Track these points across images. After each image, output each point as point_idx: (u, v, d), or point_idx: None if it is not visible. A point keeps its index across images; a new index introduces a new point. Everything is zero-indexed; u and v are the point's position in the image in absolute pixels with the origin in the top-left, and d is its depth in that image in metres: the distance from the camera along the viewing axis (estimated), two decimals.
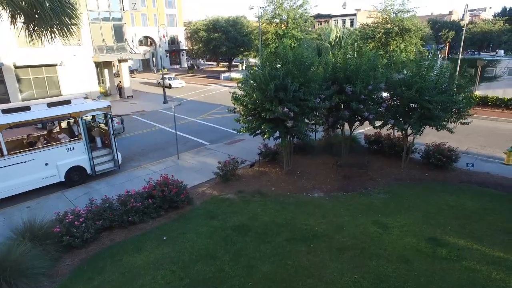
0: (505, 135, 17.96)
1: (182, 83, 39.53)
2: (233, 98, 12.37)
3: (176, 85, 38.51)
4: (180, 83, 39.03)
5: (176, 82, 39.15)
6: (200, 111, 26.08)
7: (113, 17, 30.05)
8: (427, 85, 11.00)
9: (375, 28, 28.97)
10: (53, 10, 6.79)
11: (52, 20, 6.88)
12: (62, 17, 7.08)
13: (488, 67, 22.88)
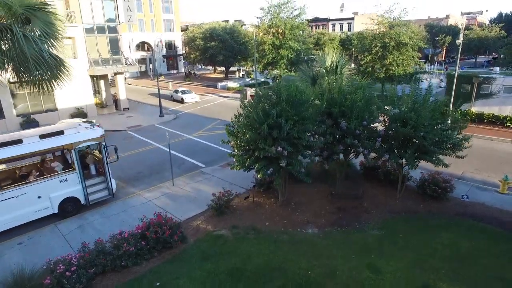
0: (500, 157, 17.99)
1: (196, 97, 35.96)
2: (227, 131, 12.26)
3: (189, 100, 35.24)
4: (193, 98, 35.49)
5: (189, 96, 35.58)
6: (196, 126, 25.98)
7: (109, 29, 29.87)
8: (422, 121, 10.96)
9: (372, 41, 28.93)
10: (39, 66, 6.68)
11: (40, 75, 6.76)
12: (49, 71, 6.96)
13: (484, 84, 22.89)
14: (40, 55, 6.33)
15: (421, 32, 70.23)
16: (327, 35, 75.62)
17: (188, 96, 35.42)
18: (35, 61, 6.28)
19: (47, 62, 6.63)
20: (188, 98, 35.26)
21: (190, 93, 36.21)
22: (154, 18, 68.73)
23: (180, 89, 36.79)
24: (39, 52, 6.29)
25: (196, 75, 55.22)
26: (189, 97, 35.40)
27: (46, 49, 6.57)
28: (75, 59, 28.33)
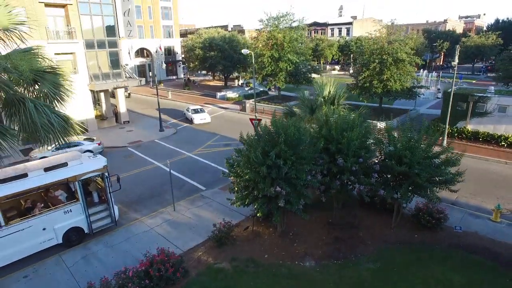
0: (495, 179, 18.37)
1: (206, 118, 32.11)
2: (228, 164, 12.59)
3: (198, 121, 31.69)
4: (203, 119, 31.74)
5: (199, 117, 31.87)
6: (196, 142, 26.27)
7: (109, 44, 30.13)
8: (416, 159, 11.32)
9: (370, 56, 29.30)
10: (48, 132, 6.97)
11: (48, 138, 7.07)
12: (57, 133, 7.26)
13: (479, 103, 23.28)
14: (50, 122, 6.64)
15: (419, 39, 70.89)
16: (326, 41, 76.03)
17: (197, 117, 31.85)
18: (45, 129, 6.60)
19: (56, 127, 6.92)
20: (197, 119, 31.76)
21: (202, 113, 32.52)
22: (153, 25, 68.95)
23: (191, 107, 33.47)
24: (48, 120, 6.61)
25: (196, 83, 55.42)
26: (199, 118, 31.79)
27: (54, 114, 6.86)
28: (76, 74, 28.65)
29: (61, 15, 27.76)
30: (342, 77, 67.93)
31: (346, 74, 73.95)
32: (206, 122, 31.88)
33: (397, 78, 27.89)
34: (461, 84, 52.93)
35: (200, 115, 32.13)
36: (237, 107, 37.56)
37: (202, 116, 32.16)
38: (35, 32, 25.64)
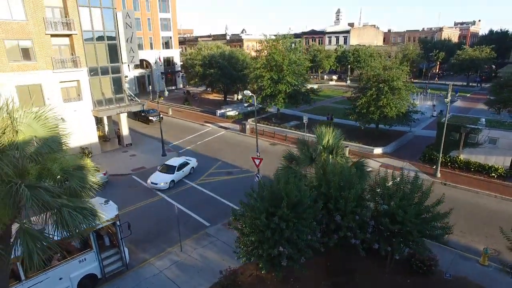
0: (485, 216, 19.28)
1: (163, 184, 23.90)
2: (233, 213, 13.43)
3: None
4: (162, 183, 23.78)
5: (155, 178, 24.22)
6: (199, 169, 27.03)
7: (112, 70, 30.86)
8: (408, 217, 12.22)
9: (367, 82, 30.23)
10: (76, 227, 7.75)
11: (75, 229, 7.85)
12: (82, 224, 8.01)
13: (471, 134, 24.25)
14: (79, 222, 7.45)
15: (415, 51, 72.12)
16: (323, 51, 76.94)
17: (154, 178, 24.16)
18: (75, 226, 7.40)
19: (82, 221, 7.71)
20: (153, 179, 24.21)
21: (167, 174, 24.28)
22: (152, 36, 69.63)
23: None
24: (79, 222, 7.41)
25: (196, 97, 56.11)
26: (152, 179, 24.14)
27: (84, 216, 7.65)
28: (80, 101, 29.42)
29: (66, 43, 28.44)
30: (339, 89, 68.97)
31: (344, 84, 75.20)
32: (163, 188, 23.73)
33: (393, 105, 28.77)
34: (457, 99, 54.17)
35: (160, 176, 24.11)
36: (237, 127, 38.36)
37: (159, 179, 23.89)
38: (42, 62, 26.48)
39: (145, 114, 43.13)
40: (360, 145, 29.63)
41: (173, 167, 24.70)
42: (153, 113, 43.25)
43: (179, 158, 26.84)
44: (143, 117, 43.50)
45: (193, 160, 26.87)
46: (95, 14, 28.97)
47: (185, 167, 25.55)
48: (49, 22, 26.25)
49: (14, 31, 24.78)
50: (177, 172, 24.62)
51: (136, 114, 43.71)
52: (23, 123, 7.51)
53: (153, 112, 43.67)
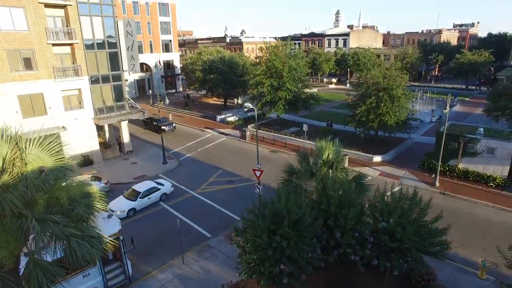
0: (482, 227, 19.49)
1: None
2: (235, 229, 13.63)
3: None
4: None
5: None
6: (199, 178, 27.21)
7: (113, 78, 31.03)
8: (407, 235, 12.43)
9: (367, 89, 30.46)
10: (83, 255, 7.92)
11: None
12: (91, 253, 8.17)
13: (469, 143, 24.48)
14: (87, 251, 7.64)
15: (414, 54, 72.50)
16: (323, 55, 77.20)
17: None
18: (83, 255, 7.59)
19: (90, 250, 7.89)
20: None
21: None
22: (152, 40, 69.85)
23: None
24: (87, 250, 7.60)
25: (196, 102, 56.28)
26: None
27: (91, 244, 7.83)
28: (81, 109, 29.60)
29: (67, 52, 28.63)
30: (339, 92, 69.16)
31: (343, 88, 75.43)
32: None
33: (392, 113, 28.97)
34: (456, 103, 54.42)
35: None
36: (237, 133, 38.57)
37: None
38: (44, 72, 26.66)
39: (157, 123, 40.72)
40: (360, 153, 29.85)
41: (137, 193, 22.37)
42: (165, 122, 40.99)
43: (150, 183, 23.86)
44: (155, 126, 41.04)
45: (166, 185, 24.12)
46: (96, 23, 29.15)
47: (153, 193, 22.83)
48: (50, 32, 26.43)
49: (16, 41, 24.95)
50: (139, 200, 22.01)
51: (147, 122, 41.75)
52: (32, 154, 7.69)
53: (165, 121, 41.43)
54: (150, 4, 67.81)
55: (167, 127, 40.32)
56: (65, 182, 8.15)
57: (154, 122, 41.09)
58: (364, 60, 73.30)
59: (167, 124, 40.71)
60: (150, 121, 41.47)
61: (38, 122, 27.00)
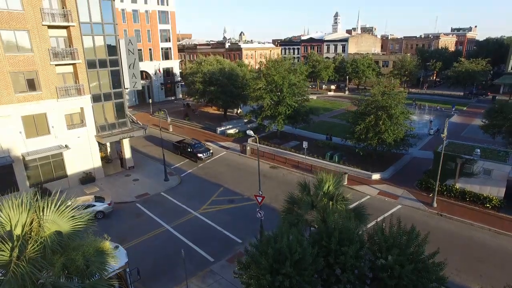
0: (479, 252, 19.90)
1: None
2: (238, 263, 14.02)
3: None
4: None
5: None
6: (201, 196, 27.58)
7: (115, 96, 31.35)
8: (405, 272, 12.86)
9: (366, 107, 30.92)
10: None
11: None
12: None
13: (466, 164, 24.96)
14: None
15: (413, 62, 73.11)
16: (322, 62, 77.63)
17: None
18: None
19: None
20: None
21: None
22: (152, 47, 70.18)
23: None
24: None
25: (196, 112, 56.64)
26: None
27: None
28: (83, 127, 29.92)
29: (69, 71, 28.93)
30: (338, 100, 69.65)
31: (342, 95, 75.93)
32: None
33: (391, 131, 29.40)
34: (453, 113, 54.96)
35: None
36: (238, 146, 38.95)
37: None
38: (47, 92, 26.99)
39: (192, 149, 35.85)
40: (358, 170, 30.29)
41: None
42: (201, 148, 36.24)
43: (85, 199, 24.80)
44: (189, 153, 36.18)
45: (102, 204, 24.48)
46: (98, 42, 29.46)
47: (84, 210, 22.20)
48: (54, 52, 26.73)
49: (20, 63, 25.28)
50: None
51: (177, 147, 37.86)
52: (49, 220, 8.06)
53: (200, 146, 36.62)
54: (149, 12, 68.17)
55: (204, 154, 35.58)
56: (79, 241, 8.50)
57: (189, 148, 36.37)
58: (362, 67, 73.85)
59: (203, 151, 35.96)
60: (182, 146, 37.28)
61: (41, 141, 27.51)
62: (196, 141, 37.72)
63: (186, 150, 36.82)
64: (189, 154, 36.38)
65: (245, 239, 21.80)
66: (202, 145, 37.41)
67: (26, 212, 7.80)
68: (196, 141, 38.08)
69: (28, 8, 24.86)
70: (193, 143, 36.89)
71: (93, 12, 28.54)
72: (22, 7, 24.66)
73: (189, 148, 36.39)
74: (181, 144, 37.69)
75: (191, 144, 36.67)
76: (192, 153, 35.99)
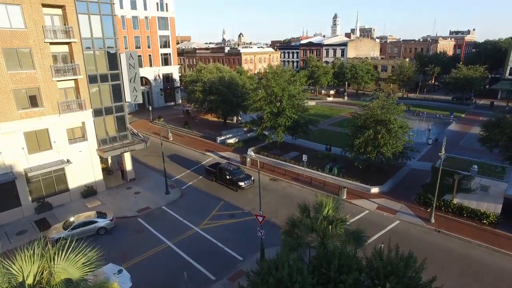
0: (476, 272, 20.12)
1: None
2: None
3: None
4: None
5: None
6: (202, 211, 27.83)
7: (116, 109, 31.60)
8: None
9: (365, 121, 31.26)
10: None
11: None
12: None
13: (464, 180, 25.30)
14: None
15: (411, 68, 73.60)
16: (321, 68, 77.97)
17: None
18: None
19: None
20: None
21: None
22: (152, 53, 70.41)
23: None
24: None
25: (195, 119, 56.86)
26: None
27: None
28: (85, 141, 30.16)
29: (71, 86, 29.16)
30: (337, 106, 69.97)
31: (341, 101, 76.25)
32: None
33: (390, 146, 29.71)
34: (452, 121, 55.33)
35: None
36: (238, 157, 39.26)
37: None
38: (49, 108, 27.22)
39: (231, 176, 31.31)
40: (357, 184, 30.62)
41: (70, 224, 24.07)
42: (241, 175, 31.57)
43: (87, 215, 25.29)
44: (227, 180, 31.62)
45: (105, 220, 24.93)
46: (99, 57, 29.70)
47: (86, 226, 24.21)
48: (56, 69, 26.95)
49: (23, 80, 25.51)
50: (69, 231, 23.44)
51: (211, 172, 33.27)
52: (60, 269, 8.33)
53: (240, 173, 31.95)
54: (149, 19, 68.39)
55: (245, 182, 30.74)
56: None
57: (226, 174, 31.67)
58: (361, 73, 74.29)
59: (244, 178, 31.19)
60: (218, 171, 32.59)
61: (43, 156, 27.74)
62: (234, 166, 33.06)
63: (223, 177, 32.06)
64: (227, 181, 31.68)
65: (246, 256, 22.16)
66: (241, 171, 32.62)
67: (38, 262, 8.08)
68: (234, 166, 33.38)
69: (30, 26, 25.09)
70: (231, 169, 32.04)
71: (95, 27, 28.77)
72: (25, 25, 24.89)
73: (227, 175, 31.61)
74: (216, 169, 32.95)
75: (229, 170, 31.83)
76: (231, 181, 31.28)
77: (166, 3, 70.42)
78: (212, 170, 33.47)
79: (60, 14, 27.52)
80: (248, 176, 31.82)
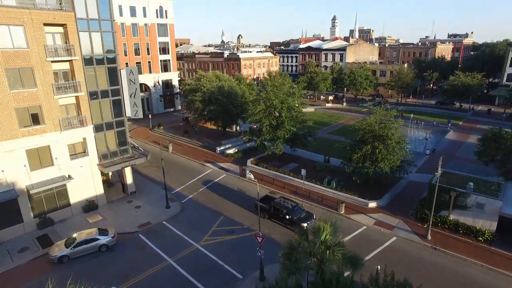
0: None
1: None
2: None
3: None
4: None
5: None
6: (202, 226, 28.14)
7: (116, 124, 31.89)
8: None
9: (363, 135, 31.63)
10: None
11: None
12: None
13: (460, 197, 25.71)
14: None
15: (410, 74, 74.09)
16: (320, 74, 78.36)
17: None
18: None
19: None
20: None
21: None
22: (151, 60, 70.71)
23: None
24: None
25: (195, 127, 57.20)
26: None
27: None
28: (86, 156, 30.47)
29: (72, 102, 29.43)
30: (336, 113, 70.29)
31: (340, 107, 76.61)
32: None
33: (387, 161, 30.07)
34: (449, 129, 55.75)
35: None
36: (237, 168, 39.63)
37: None
38: (50, 125, 27.53)
39: (289, 214, 26.76)
40: (355, 198, 31.01)
41: (73, 242, 24.48)
42: (302, 214, 27.14)
43: (89, 232, 25.52)
44: (285, 220, 27.02)
45: (106, 237, 25.21)
46: (100, 73, 30.00)
47: (88, 244, 24.56)
48: (57, 86, 27.24)
49: (25, 99, 25.82)
50: (72, 249, 24.06)
51: (263, 208, 27.76)
52: None
53: (299, 211, 27.40)
54: (149, 26, 68.71)
55: (308, 223, 25.85)
56: None
57: (283, 212, 27.13)
58: (360, 79, 74.73)
59: (306, 219, 26.66)
60: (271, 207, 28.03)
61: (45, 173, 28.05)
62: (292, 203, 28.24)
63: (279, 215, 27.49)
64: (285, 221, 27.16)
65: (246, 274, 22.52)
66: (301, 208, 27.99)
67: None
68: (293, 203, 28.50)
69: (33, 45, 25.40)
70: (290, 207, 27.44)
71: (95, 44, 29.09)
72: (27, 45, 25.20)
73: (285, 214, 27.05)
74: (270, 206, 28.22)
75: (288, 208, 27.30)
76: (290, 221, 26.78)
77: (166, 10, 70.73)
78: (265, 207, 28.38)
79: (62, 32, 27.84)
80: (310, 214, 27.55)
